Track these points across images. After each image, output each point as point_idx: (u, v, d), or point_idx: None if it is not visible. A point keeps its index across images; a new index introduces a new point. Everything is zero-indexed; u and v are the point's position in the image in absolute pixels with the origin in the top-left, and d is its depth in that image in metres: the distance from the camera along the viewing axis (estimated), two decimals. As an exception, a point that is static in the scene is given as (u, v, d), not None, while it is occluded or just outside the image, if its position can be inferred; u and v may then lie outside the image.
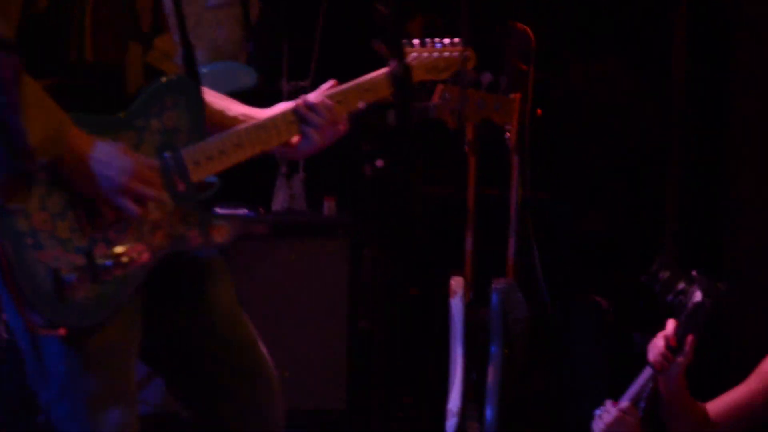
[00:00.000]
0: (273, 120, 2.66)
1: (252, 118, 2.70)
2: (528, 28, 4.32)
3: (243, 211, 4.22)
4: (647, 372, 3.30)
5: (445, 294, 3.93)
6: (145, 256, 2.46)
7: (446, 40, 2.93)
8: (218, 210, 3.91)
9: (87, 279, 2.39)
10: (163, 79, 2.53)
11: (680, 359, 3.22)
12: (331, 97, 2.70)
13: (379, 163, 2.69)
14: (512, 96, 4.13)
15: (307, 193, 4.39)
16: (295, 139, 2.70)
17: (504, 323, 3.90)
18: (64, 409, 2.47)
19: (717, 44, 4.65)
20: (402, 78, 2.78)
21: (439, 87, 3.43)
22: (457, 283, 3.91)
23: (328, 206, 4.29)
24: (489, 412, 3.82)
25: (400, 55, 2.79)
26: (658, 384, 3.27)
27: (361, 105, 2.74)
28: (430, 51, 2.91)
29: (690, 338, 3.22)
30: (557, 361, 4.36)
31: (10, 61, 2.25)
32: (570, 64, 4.88)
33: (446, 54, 2.93)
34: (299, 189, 4.38)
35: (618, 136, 4.87)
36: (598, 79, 4.88)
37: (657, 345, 3.26)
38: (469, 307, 3.91)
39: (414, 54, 2.87)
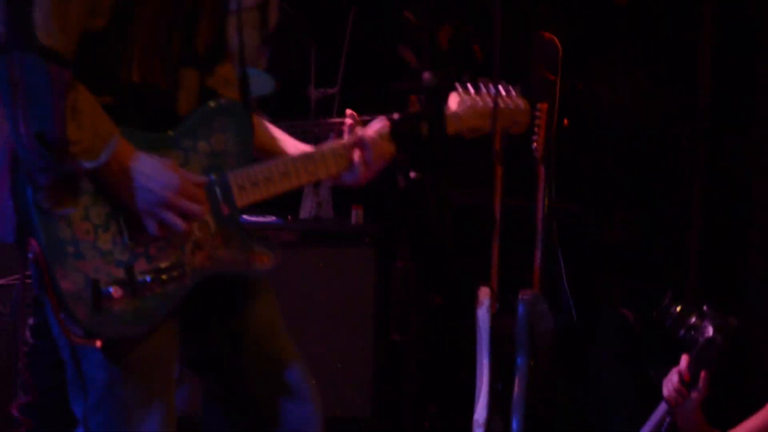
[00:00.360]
0: (322, 152, 2.65)
1: (299, 149, 2.70)
2: (555, 38, 4.32)
3: (271, 218, 4.23)
4: (663, 407, 3.30)
5: (472, 304, 3.93)
6: (185, 278, 2.46)
7: (501, 89, 2.91)
8: (246, 217, 3.93)
9: (125, 293, 2.38)
10: (214, 103, 2.53)
11: (695, 394, 3.22)
12: (381, 135, 2.69)
13: (412, 174, 2.68)
14: (539, 105, 4.14)
15: (334, 201, 4.39)
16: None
17: (530, 334, 3.90)
18: (102, 419, 2.47)
19: (743, 58, 4.65)
20: (435, 89, 2.79)
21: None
22: (483, 293, 3.91)
23: (356, 214, 4.29)
24: (515, 424, 3.83)
25: (434, 67, 2.80)
26: (675, 418, 3.26)
27: (395, 116, 2.74)
28: (484, 97, 2.88)
29: (703, 373, 3.22)
30: (582, 373, 4.35)
31: (62, 74, 2.26)
32: (596, 74, 4.88)
33: (500, 103, 2.90)
34: (327, 197, 4.38)
35: (644, 147, 4.87)
36: (624, 89, 4.88)
37: (671, 380, 3.25)
38: (495, 318, 3.92)
39: (467, 99, 2.84)
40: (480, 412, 3.86)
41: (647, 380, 4.03)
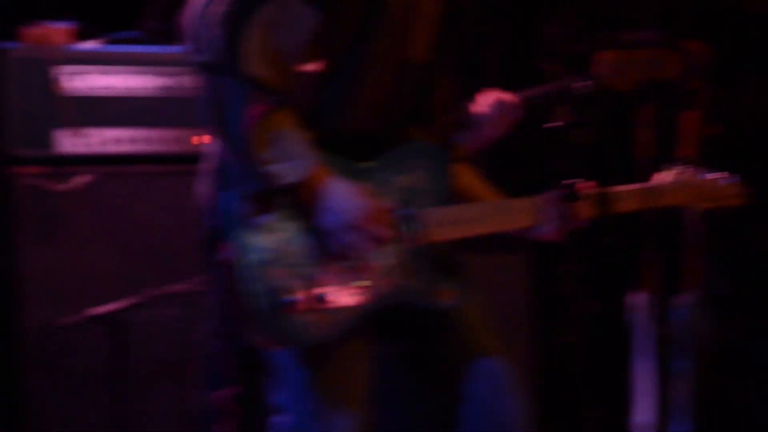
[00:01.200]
0: (515, 205, 2.70)
1: (492, 197, 2.77)
2: (704, 45, 4.31)
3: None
4: None
5: (628, 308, 3.94)
6: (366, 298, 2.51)
7: (718, 174, 2.92)
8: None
9: (303, 304, 2.45)
10: (419, 143, 2.61)
11: None
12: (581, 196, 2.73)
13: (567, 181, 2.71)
14: (689, 112, 4.13)
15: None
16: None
17: (689, 337, 3.89)
18: (296, 415, 2.54)
19: None
20: (589, 95, 2.83)
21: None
22: (641, 297, 3.91)
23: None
24: (677, 427, 3.82)
25: (584, 72, 2.84)
26: None
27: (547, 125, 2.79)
28: (696, 177, 2.91)
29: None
30: (746, 373, 4.31)
31: (262, 99, 2.40)
32: (747, 80, 4.84)
33: (718, 183, 2.91)
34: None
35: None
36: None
37: None
38: (653, 321, 3.91)
39: (680, 176, 2.88)
40: (640, 416, 3.87)
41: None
